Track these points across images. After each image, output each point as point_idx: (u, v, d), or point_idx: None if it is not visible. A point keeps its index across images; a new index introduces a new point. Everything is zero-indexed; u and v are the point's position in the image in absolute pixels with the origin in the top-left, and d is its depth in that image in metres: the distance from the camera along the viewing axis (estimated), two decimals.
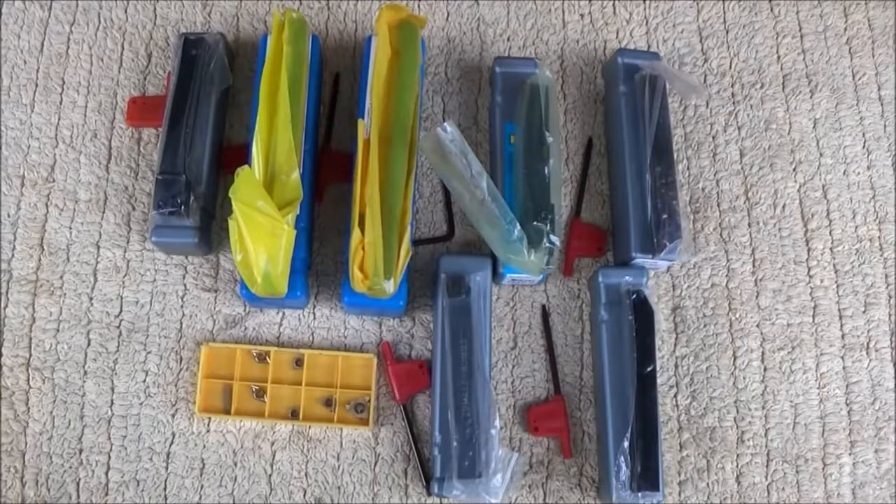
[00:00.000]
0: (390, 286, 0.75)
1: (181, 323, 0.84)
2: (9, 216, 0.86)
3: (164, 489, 0.80)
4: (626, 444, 0.76)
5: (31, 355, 0.83)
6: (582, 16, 0.96)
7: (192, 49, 0.85)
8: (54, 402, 0.82)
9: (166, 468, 0.80)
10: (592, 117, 0.92)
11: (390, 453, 0.81)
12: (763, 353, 0.86)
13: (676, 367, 0.85)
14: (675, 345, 0.86)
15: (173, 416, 0.82)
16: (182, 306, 0.85)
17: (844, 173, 0.92)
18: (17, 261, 0.85)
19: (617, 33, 0.96)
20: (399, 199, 0.77)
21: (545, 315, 0.86)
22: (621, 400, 0.78)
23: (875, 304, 0.88)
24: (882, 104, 0.95)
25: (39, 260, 0.85)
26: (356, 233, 0.74)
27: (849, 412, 0.85)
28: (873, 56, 0.97)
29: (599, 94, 0.93)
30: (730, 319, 0.87)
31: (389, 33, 0.82)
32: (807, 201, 0.91)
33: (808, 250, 0.89)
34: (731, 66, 0.95)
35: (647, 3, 0.97)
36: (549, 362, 0.84)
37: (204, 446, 0.81)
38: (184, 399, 0.82)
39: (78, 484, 0.80)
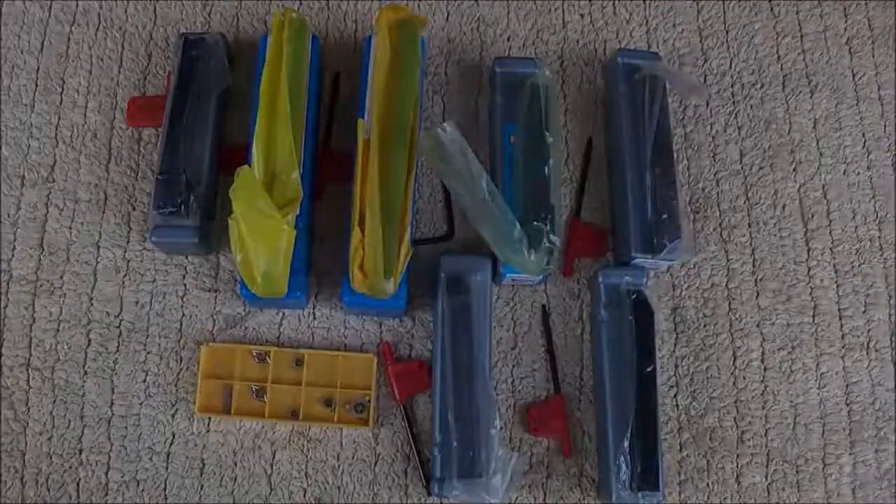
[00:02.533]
0: (390, 286, 0.75)
1: (181, 323, 0.84)
2: (9, 216, 0.86)
3: (164, 489, 0.80)
4: (626, 444, 0.76)
5: (31, 355, 0.83)
6: (582, 16, 0.96)
7: (192, 49, 0.85)
8: (54, 402, 0.82)
9: (166, 468, 0.80)
10: (592, 117, 0.92)
11: (390, 453, 0.81)
12: (763, 353, 0.86)
13: (676, 367, 0.85)
14: (675, 345, 0.85)
15: (173, 416, 0.82)
16: (182, 306, 0.85)
17: (844, 173, 0.92)
18: (17, 261, 0.85)
19: (617, 33, 0.96)
20: (399, 199, 0.77)
21: (545, 315, 0.85)
22: (621, 400, 0.78)
23: (875, 304, 0.88)
24: (882, 104, 0.95)
25: (39, 260, 0.85)
26: (356, 233, 0.74)
27: (849, 412, 0.85)
28: (873, 56, 0.97)
29: (599, 94, 0.93)
30: (730, 319, 0.87)
31: (389, 33, 0.82)
32: (807, 201, 0.91)
33: (808, 250, 0.89)
34: (731, 66, 0.95)
35: (647, 3, 0.97)
36: (549, 362, 0.84)
37: (204, 446, 0.81)
38: (184, 399, 0.82)
39: (78, 484, 0.80)
